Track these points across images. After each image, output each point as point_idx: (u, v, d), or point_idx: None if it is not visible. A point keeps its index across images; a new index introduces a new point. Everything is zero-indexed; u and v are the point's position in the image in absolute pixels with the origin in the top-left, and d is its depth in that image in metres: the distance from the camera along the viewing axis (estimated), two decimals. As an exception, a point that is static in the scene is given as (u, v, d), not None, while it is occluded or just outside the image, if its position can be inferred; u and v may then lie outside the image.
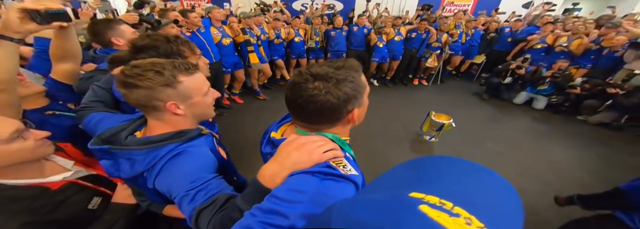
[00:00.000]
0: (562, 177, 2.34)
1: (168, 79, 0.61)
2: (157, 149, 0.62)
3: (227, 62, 3.28)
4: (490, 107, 3.95)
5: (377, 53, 4.32)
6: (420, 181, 0.28)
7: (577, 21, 4.10)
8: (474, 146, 2.80)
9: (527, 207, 1.96)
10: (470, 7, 7.49)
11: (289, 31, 4.06)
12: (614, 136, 3.16)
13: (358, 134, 3.01)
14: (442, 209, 0.22)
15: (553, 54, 4.01)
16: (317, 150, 0.49)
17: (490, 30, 4.63)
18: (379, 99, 4.22)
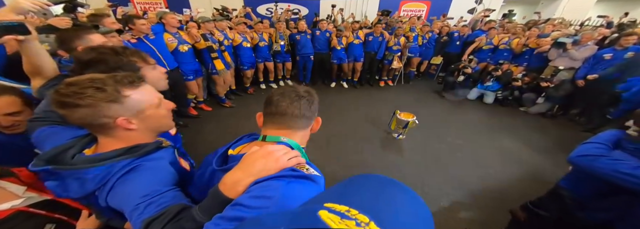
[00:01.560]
0: (512, 162, 2.63)
1: (112, 95, 0.57)
2: (109, 166, 0.58)
3: (188, 70, 3.11)
4: (448, 104, 4.31)
5: (335, 55, 4.54)
6: (342, 195, 0.31)
7: (517, 25, 4.71)
8: (437, 140, 3.02)
9: (483, 192, 2.17)
10: (424, 12, 8.14)
11: (252, 36, 4.01)
12: (549, 123, 3.65)
13: (331, 135, 3.07)
14: (341, 214, 0.25)
15: (498, 52, 4.54)
16: (283, 157, 0.53)
17: (443, 34, 5.08)
18: (348, 101, 4.34)
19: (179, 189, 0.63)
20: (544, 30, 4.40)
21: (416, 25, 4.88)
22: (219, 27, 3.49)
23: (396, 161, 2.60)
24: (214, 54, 3.20)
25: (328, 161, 2.59)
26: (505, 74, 4.06)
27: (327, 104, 4.14)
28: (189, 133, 3.06)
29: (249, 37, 3.93)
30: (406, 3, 8.17)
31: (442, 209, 1.99)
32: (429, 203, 2.05)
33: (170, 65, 2.82)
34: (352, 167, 2.47)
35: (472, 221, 1.88)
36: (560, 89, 3.55)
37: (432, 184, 2.26)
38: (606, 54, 3.25)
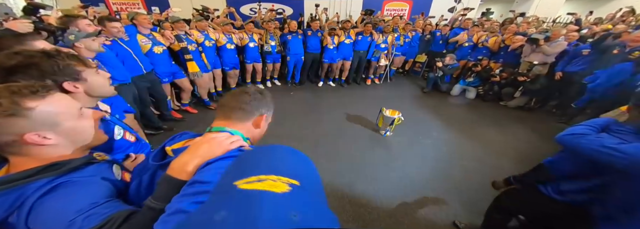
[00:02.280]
0: (494, 155, 2.73)
1: (9, 108, 0.50)
2: (21, 188, 0.51)
3: (163, 72, 3.00)
4: (433, 100, 4.42)
5: (327, 54, 4.54)
6: (242, 171, 0.38)
7: (494, 22, 4.91)
8: (423, 136, 3.10)
9: (468, 185, 2.24)
10: (406, 11, 8.30)
11: (241, 36, 3.94)
12: (528, 115, 3.82)
13: (320, 135, 3.07)
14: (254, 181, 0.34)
15: (477, 50, 4.72)
16: (226, 141, 0.58)
17: (426, 32, 5.21)
18: (336, 99, 4.36)
19: (119, 200, 0.58)
20: (521, 28, 4.61)
21: (399, 24, 4.97)
22: (199, 27, 3.40)
23: (385, 158, 2.64)
24: (188, 56, 3.10)
25: (318, 161, 2.58)
26: (485, 70, 4.23)
27: (315, 104, 4.15)
28: (173, 137, 2.97)
29: (236, 38, 3.86)
30: (389, 2, 8.30)
31: (429, 202, 2.04)
32: (417, 196, 2.09)
33: (147, 67, 2.71)
34: (342, 166, 2.49)
35: (459, 213, 1.93)
36: (535, 83, 3.73)
37: (420, 178, 2.31)
38: (584, 50, 3.44)
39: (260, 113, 0.74)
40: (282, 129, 3.23)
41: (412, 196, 2.10)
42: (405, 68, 5.84)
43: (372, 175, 2.36)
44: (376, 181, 2.27)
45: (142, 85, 2.66)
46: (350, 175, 2.36)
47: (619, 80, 2.83)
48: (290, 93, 4.65)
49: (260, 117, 0.75)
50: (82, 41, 1.67)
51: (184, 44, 3.06)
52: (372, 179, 2.31)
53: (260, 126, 0.76)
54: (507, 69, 4.11)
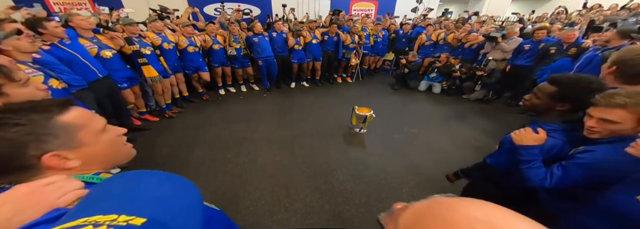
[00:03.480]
0: (460, 146, 2.92)
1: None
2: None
3: (119, 77, 2.76)
4: (402, 96, 4.61)
5: (295, 55, 4.52)
6: (83, 209, 0.30)
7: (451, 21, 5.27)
8: (395, 131, 3.21)
9: (438, 176, 2.35)
10: (373, 11, 8.59)
11: (204, 38, 3.75)
12: (487, 107, 4.14)
13: (295, 136, 3.04)
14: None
15: (438, 47, 5.03)
16: (50, 194, 0.39)
17: (391, 31, 5.43)
18: (310, 99, 4.36)
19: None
20: (474, 27, 5.00)
21: (367, 24, 5.11)
22: (153, 29, 3.17)
23: (360, 155, 2.69)
24: (143, 60, 2.88)
25: (294, 161, 2.56)
26: (445, 66, 4.52)
27: (289, 105, 4.10)
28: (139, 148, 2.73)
29: (199, 40, 3.67)
30: (356, 2, 8.52)
31: (405, 195, 2.12)
32: (393, 191, 2.16)
33: (102, 72, 2.48)
34: (319, 166, 2.48)
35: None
36: (491, 77, 4.06)
37: (394, 173, 2.39)
38: (526, 45, 3.82)
39: (41, 151, 0.44)
40: (255, 133, 3.14)
41: (388, 191, 2.16)
42: (377, 66, 6.04)
43: (348, 172, 2.39)
44: (353, 178, 2.30)
45: (100, 90, 2.44)
46: (327, 174, 2.36)
47: None
48: (263, 95, 4.55)
49: (51, 157, 0.44)
50: (7, 42, 1.47)
51: (136, 47, 2.83)
52: (349, 176, 2.33)
53: (70, 166, 0.47)
54: (466, 65, 4.42)
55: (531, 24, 5.39)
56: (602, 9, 5.51)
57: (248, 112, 3.78)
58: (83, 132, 0.49)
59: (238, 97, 4.43)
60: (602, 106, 0.85)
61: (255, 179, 2.30)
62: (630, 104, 0.80)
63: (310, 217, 1.91)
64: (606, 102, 0.84)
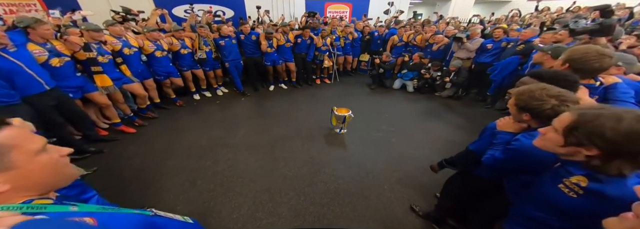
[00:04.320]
0: (436, 140, 3.07)
1: None
2: None
3: (68, 87, 2.52)
4: (380, 96, 4.75)
5: (267, 57, 4.49)
6: None
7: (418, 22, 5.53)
8: (374, 130, 3.30)
9: (417, 171, 2.45)
10: (347, 13, 8.76)
11: (171, 42, 3.58)
12: (457, 103, 4.40)
13: (276, 139, 3.01)
14: None
15: (410, 47, 5.25)
16: None
17: (365, 33, 5.58)
18: (289, 102, 4.33)
19: None
20: (440, 28, 5.30)
21: (337, 27, 5.22)
22: (112, 33, 2.96)
23: (341, 155, 2.72)
24: (97, 68, 2.68)
25: (276, 165, 2.53)
26: (415, 65, 4.75)
27: (268, 108, 4.05)
28: (107, 160, 2.56)
29: (166, 43, 3.50)
30: (331, 4, 8.64)
31: (386, 192, 2.18)
32: (375, 188, 2.22)
33: (49, 83, 2.25)
34: (301, 168, 2.48)
35: (413, 198, 2.11)
36: (459, 75, 4.33)
37: (375, 171, 2.46)
38: (488, 44, 4.11)
39: None
40: (234, 138, 3.06)
41: (371, 188, 2.21)
42: (353, 67, 6.16)
43: (331, 173, 2.41)
44: (336, 178, 2.33)
45: (45, 104, 2.21)
46: (310, 176, 2.37)
47: (511, 69, 3.48)
48: (241, 99, 4.44)
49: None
50: None
51: (92, 55, 2.61)
52: (332, 176, 2.36)
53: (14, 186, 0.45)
54: (434, 63, 4.69)
55: (491, 25, 5.82)
56: (550, 12, 6.12)
57: (225, 117, 3.68)
58: (14, 153, 0.45)
59: (214, 102, 4.29)
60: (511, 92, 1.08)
61: (236, 186, 2.24)
62: (515, 92, 1.05)
63: (296, 220, 1.90)
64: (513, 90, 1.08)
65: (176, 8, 6.38)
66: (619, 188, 0.65)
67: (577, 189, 0.72)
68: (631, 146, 0.63)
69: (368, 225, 1.87)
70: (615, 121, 0.64)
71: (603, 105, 0.74)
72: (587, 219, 0.71)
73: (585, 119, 0.69)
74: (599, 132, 0.65)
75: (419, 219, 1.90)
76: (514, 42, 3.71)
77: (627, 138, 0.62)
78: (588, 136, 0.67)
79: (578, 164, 0.74)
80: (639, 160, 0.65)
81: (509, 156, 1.04)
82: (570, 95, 0.95)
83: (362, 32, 5.59)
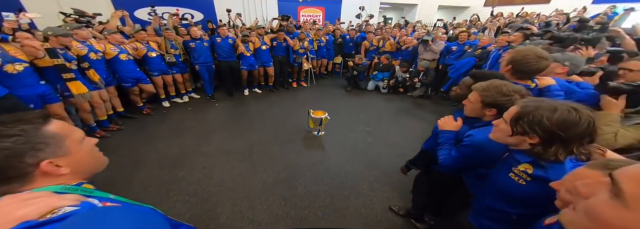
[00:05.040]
0: (409, 139, 3.21)
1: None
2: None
3: (27, 96, 2.30)
4: (355, 97, 4.87)
5: (244, 61, 4.40)
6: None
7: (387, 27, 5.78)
8: (351, 131, 3.37)
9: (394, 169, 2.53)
10: (320, 17, 8.89)
11: (136, 46, 3.37)
12: (428, 102, 4.65)
13: (253, 144, 2.95)
14: None
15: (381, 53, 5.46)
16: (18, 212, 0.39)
17: (337, 36, 5.71)
18: (266, 106, 4.27)
19: None
20: (408, 31, 5.59)
21: (310, 30, 5.28)
22: (78, 37, 2.76)
23: (320, 157, 2.74)
24: (69, 75, 2.48)
25: (254, 171, 2.48)
26: (385, 66, 4.95)
27: (243, 113, 3.95)
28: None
29: (130, 48, 3.29)
30: (304, 8, 8.72)
31: (365, 191, 2.23)
32: (354, 189, 2.26)
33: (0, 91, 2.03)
34: (280, 173, 2.45)
35: (392, 196, 2.17)
36: (427, 75, 4.59)
37: (354, 171, 2.51)
38: (453, 46, 4.41)
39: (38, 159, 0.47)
40: (209, 146, 2.95)
41: (350, 189, 2.25)
42: (328, 70, 6.25)
43: (310, 175, 2.41)
44: (316, 181, 2.34)
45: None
46: (289, 180, 2.35)
47: (466, 69, 3.77)
48: (215, 105, 4.29)
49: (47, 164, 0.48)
50: None
51: (59, 61, 2.40)
52: (311, 179, 2.36)
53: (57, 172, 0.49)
54: (402, 64, 4.93)
55: (452, 28, 6.28)
56: (503, 17, 6.76)
57: (199, 124, 3.52)
58: (68, 141, 0.52)
59: (186, 109, 4.09)
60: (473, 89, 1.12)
61: (213, 195, 2.16)
62: (479, 88, 1.09)
63: (277, 225, 1.87)
64: (474, 86, 1.12)
65: (138, 10, 6.00)
66: (559, 172, 0.74)
67: (525, 176, 0.80)
68: (563, 133, 0.71)
69: (350, 225, 1.90)
70: (551, 111, 0.73)
71: (543, 98, 0.83)
72: (538, 204, 0.78)
73: (527, 110, 0.77)
74: (538, 122, 0.74)
75: (398, 216, 1.97)
76: (474, 46, 4.04)
77: (559, 126, 0.71)
78: (530, 125, 0.76)
79: (524, 152, 0.82)
80: (570, 146, 0.74)
81: (464, 152, 1.10)
82: (525, 91, 1.05)
83: (334, 35, 5.72)
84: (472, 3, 10.59)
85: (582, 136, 0.72)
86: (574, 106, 0.73)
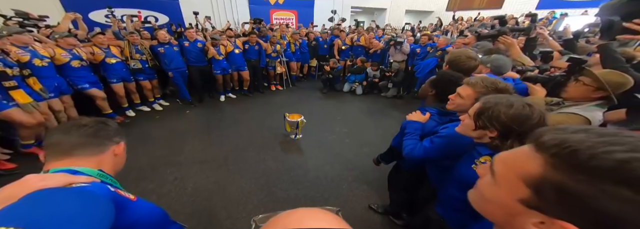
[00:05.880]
0: (385, 138, 3.31)
1: None
2: None
3: None
4: (331, 99, 4.94)
5: (217, 66, 4.25)
6: None
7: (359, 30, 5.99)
8: (328, 132, 3.40)
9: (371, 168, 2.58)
10: (293, 20, 8.91)
11: (92, 51, 3.11)
12: (401, 102, 4.85)
13: (228, 152, 2.86)
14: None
15: (354, 50, 5.63)
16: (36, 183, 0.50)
17: (311, 39, 5.76)
18: (241, 111, 4.16)
19: None
20: (378, 34, 5.83)
21: (286, 33, 5.28)
22: (19, 42, 2.47)
23: (298, 161, 2.73)
24: (10, 83, 2.22)
25: (231, 179, 2.39)
26: (359, 68, 5.10)
27: (217, 120, 3.81)
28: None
29: (85, 53, 3.02)
30: (276, 11, 8.67)
31: (345, 191, 2.26)
32: (334, 190, 2.28)
33: None
34: (258, 179, 2.40)
35: (371, 195, 2.22)
36: (397, 76, 4.80)
37: (332, 172, 2.53)
38: (417, 48, 4.67)
39: (115, 142, 0.74)
40: (180, 155, 2.79)
41: (330, 191, 2.27)
42: (304, 73, 6.27)
43: (290, 180, 2.39)
44: (295, 185, 2.32)
45: None
46: (268, 185, 2.31)
47: (430, 68, 4.02)
48: (185, 112, 4.08)
49: (118, 146, 0.75)
50: None
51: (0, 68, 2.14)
52: (291, 183, 2.34)
53: (121, 155, 0.76)
54: (373, 63, 5.12)
55: (419, 32, 6.65)
56: (463, 21, 7.32)
57: (168, 133, 3.33)
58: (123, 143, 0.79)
59: (153, 117, 3.84)
60: (464, 83, 1.11)
61: (187, 207, 2.05)
62: (477, 83, 1.05)
63: (257, 234, 1.82)
64: (466, 80, 1.11)
65: (93, 13, 5.54)
66: None
67: None
68: (517, 127, 0.79)
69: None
70: (507, 107, 0.79)
71: (504, 95, 0.90)
72: None
73: (487, 105, 0.84)
74: (496, 116, 0.81)
75: (377, 214, 2.02)
76: (435, 48, 4.32)
77: (514, 121, 0.78)
78: (489, 119, 0.82)
79: (485, 145, 0.89)
80: (525, 139, 0.82)
81: (439, 143, 1.14)
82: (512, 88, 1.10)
83: (308, 38, 5.77)
84: (435, 8, 11.31)
85: (534, 129, 0.80)
86: (529, 103, 0.80)
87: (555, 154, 0.29)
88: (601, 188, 0.25)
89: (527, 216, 0.32)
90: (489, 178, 0.39)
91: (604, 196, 0.25)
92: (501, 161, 0.38)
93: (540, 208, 0.30)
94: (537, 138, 0.33)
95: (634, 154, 0.25)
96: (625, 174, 0.24)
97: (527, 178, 0.32)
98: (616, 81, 1.13)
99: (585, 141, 0.28)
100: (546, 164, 0.30)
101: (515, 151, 0.37)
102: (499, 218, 0.38)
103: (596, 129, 0.30)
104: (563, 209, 0.28)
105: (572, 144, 0.28)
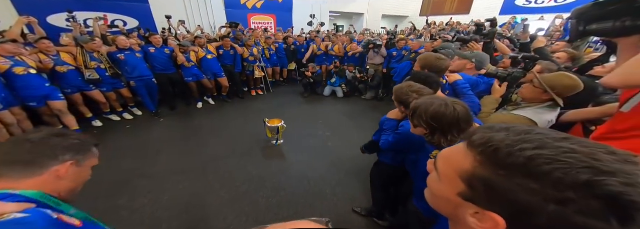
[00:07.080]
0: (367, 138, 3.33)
1: None
2: None
3: None
4: (313, 103, 4.94)
5: (187, 72, 4.07)
6: None
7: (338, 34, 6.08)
8: (311, 136, 3.39)
9: (354, 169, 2.62)
10: (272, 24, 8.87)
11: (40, 59, 2.86)
12: (381, 104, 4.96)
13: (207, 161, 2.76)
14: None
15: (329, 56, 5.70)
16: None
17: (289, 44, 5.77)
18: (220, 118, 4.04)
19: None
20: (358, 38, 5.96)
21: (260, 38, 5.24)
22: None
23: (281, 167, 2.68)
24: None
25: (210, 189, 2.30)
26: (340, 71, 5.18)
27: (195, 128, 3.66)
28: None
29: (31, 60, 2.76)
30: (254, 15, 8.59)
31: (329, 195, 2.25)
32: (318, 194, 2.26)
33: None
34: (239, 188, 2.32)
35: (355, 197, 2.23)
36: (374, 79, 4.93)
37: (316, 177, 2.51)
38: (393, 52, 4.83)
39: (61, 161, 0.63)
40: (154, 167, 2.64)
41: (314, 196, 2.25)
42: (284, 77, 6.23)
43: (272, 187, 2.34)
44: (278, 192, 2.27)
45: None
46: (250, 194, 2.24)
47: (406, 72, 4.18)
48: (160, 120, 3.88)
49: (62, 166, 0.62)
50: None
51: None
52: (273, 190, 2.29)
53: (64, 177, 0.63)
54: (350, 65, 5.21)
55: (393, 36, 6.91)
56: (436, 26, 7.70)
57: (141, 144, 3.14)
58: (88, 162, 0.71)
59: (124, 127, 3.61)
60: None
61: (163, 221, 1.93)
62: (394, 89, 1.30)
63: (239, 245, 1.75)
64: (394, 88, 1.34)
65: (52, 16, 5.12)
66: None
67: None
68: (436, 124, 0.90)
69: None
70: (428, 106, 0.91)
71: (436, 96, 1.03)
72: None
73: (416, 106, 0.96)
74: (419, 115, 0.93)
75: (362, 217, 2.03)
76: (409, 51, 4.50)
77: (433, 119, 0.90)
78: (418, 118, 0.94)
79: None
80: (448, 135, 0.91)
81: (397, 138, 1.33)
82: (427, 90, 1.26)
83: (286, 42, 5.76)
84: (410, 13, 11.83)
85: (450, 126, 0.89)
86: (448, 102, 0.91)
87: (482, 152, 0.32)
88: (516, 182, 0.28)
89: (465, 207, 0.35)
90: (435, 175, 0.42)
91: (518, 189, 0.28)
92: (442, 158, 0.41)
93: (474, 201, 0.33)
94: (470, 137, 0.35)
95: (540, 151, 0.28)
96: (532, 169, 0.27)
97: (463, 173, 0.34)
98: (566, 83, 1.24)
99: (505, 139, 0.31)
100: (475, 161, 0.33)
101: (453, 149, 0.39)
102: (448, 212, 0.40)
103: (516, 128, 0.33)
104: (491, 201, 0.31)
105: (494, 143, 0.31)
